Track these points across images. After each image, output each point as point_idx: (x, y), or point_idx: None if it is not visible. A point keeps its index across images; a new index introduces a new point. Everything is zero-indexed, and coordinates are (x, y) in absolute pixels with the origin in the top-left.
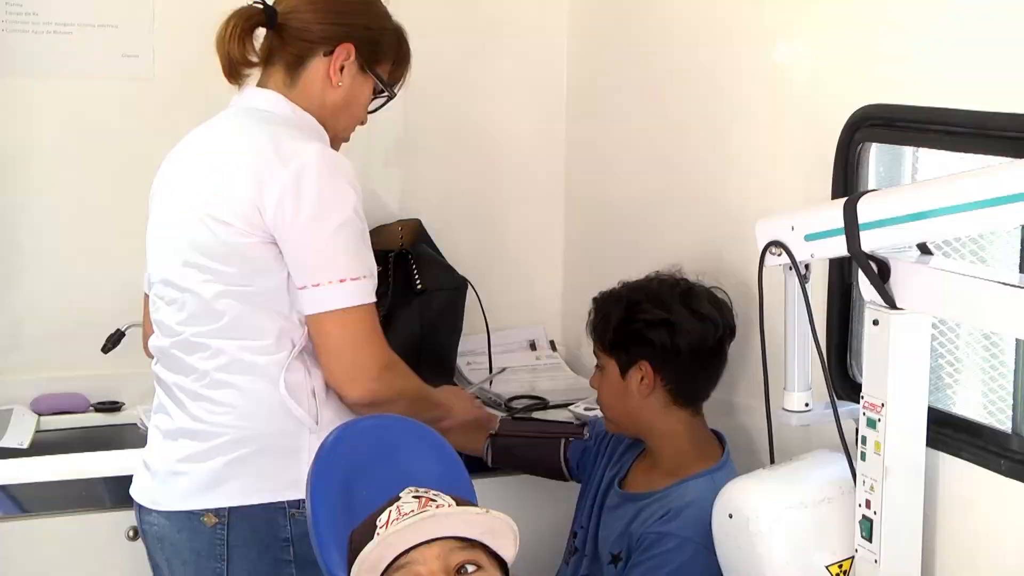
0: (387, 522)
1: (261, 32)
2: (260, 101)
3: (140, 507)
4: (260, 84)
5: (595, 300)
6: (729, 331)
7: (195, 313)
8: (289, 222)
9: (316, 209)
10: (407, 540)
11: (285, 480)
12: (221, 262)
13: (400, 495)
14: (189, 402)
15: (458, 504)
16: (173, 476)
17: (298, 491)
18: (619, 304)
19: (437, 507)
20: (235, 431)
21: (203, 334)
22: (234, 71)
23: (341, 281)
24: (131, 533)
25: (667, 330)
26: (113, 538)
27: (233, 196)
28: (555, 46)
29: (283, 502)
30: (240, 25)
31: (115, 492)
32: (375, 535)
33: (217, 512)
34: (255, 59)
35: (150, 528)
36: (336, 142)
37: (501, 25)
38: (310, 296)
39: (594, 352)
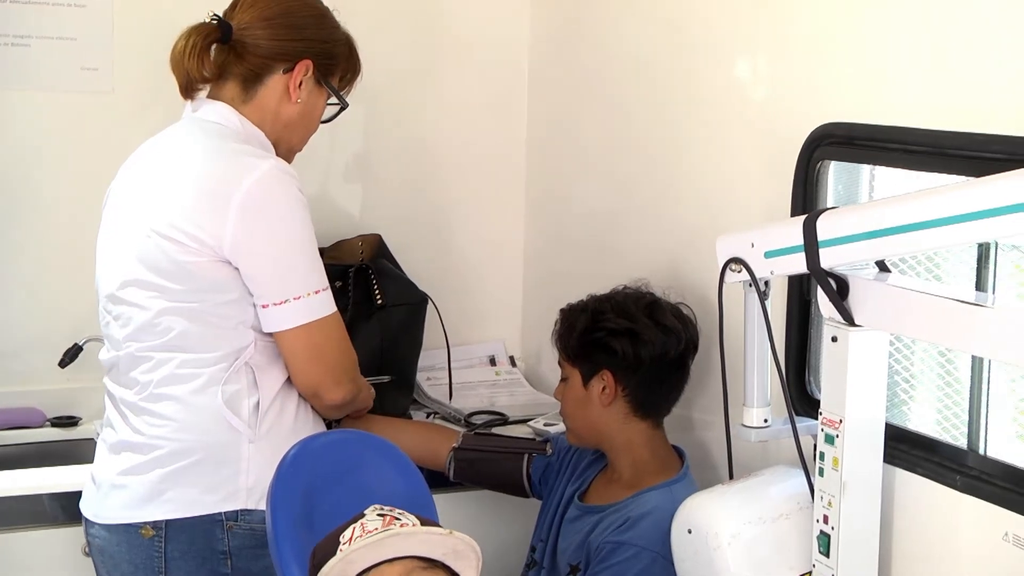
0: (351, 538)
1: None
2: (212, 114)
3: (86, 520)
4: (211, 96)
5: (562, 311)
6: (692, 346)
7: (140, 328)
8: (251, 243)
9: (278, 228)
10: (370, 558)
11: (222, 493)
12: (168, 279)
13: (365, 512)
14: (132, 415)
15: (422, 524)
16: (114, 489)
17: (235, 503)
18: (584, 314)
19: (401, 526)
20: (173, 443)
21: (147, 348)
22: (191, 88)
23: (317, 292)
24: (86, 549)
25: (630, 340)
26: (68, 554)
27: (182, 214)
28: (515, 62)
29: (220, 514)
30: (200, 43)
31: (70, 508)
32: (338, 551)
33: (155, 525)
34: (209, 75)
35: (93, 540)
36: (291, 155)
37: (461, 40)
38: (290, 310)
39: (559, 363)
